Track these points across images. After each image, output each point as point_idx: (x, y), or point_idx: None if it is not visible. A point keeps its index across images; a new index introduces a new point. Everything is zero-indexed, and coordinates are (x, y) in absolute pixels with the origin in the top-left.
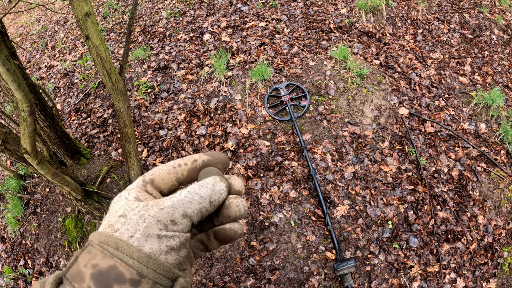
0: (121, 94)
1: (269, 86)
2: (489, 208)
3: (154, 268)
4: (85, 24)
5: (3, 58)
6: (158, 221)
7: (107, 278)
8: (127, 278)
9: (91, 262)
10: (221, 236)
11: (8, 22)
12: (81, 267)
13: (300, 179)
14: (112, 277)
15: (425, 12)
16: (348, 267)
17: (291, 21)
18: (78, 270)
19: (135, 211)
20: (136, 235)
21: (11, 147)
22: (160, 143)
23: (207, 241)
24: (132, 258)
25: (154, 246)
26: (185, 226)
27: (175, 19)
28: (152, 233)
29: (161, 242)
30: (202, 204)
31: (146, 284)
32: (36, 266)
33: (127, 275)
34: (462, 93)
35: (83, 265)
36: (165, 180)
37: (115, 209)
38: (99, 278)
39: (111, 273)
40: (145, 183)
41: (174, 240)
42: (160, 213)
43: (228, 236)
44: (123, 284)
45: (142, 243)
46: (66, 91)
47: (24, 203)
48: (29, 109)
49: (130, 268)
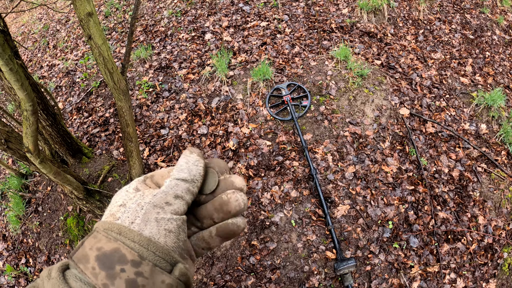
0: (123, 93)
1: (270, 86)
2: (490, 208)
3: (153, 250)
4: (87, 24)
5: (6, 58)
6: (155, 206)
7: (110, 259)
8: (129, 260)
9: (96, 246)
10: (224, 232)
11: (10, 21)
12: (87, 250)
13: (301, 178)
14: (115, 259)
15: (426, 12)
16: (348, 267)
17: (292, 21)
18: (84, 253)
19: (132, 200)
20: (137, 221)
21: (14, 146)
22: (162, 142)
23: (209, 238)
24: (133, 241)
25: (153, 230)
26: (179, 206)
27: (176, 18)
28: (150, 218)
29: (159, 225)
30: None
31: (146, 265)
32: (37, 265)
33: (129, 257)
34: (463, 93)
35: (89, 248)
36: (164, 177)
37: (115, 200)
38: (103, 259)
39: (114, 255)
40: (145, 178)
41: (171, 223)
42: (154, 199)
43: (231, 231)
44: (124, 265)
45: (142, 227)
46: (68, 90)
47: (25, 202)
48: (31, 108)
49: (131, 250)
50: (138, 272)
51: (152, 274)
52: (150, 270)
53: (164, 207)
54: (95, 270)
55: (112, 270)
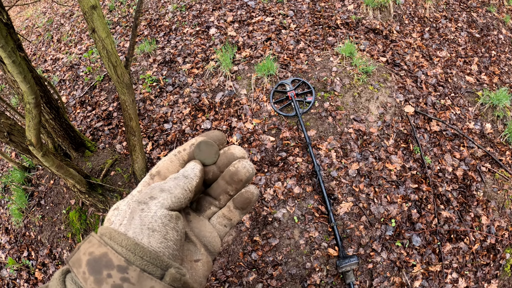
0: (126, 87)
1: (274, 82)
2: (493, 209)
3: (141, 255)
4: (91, 17)
5: (9, 50)
6: (139, 202)
7: (98, 264)
8: (115, 265)
9: (89, 250)
10: (241, 201)
11: (14, 15)
12: (81, 255)
13: (304, 175)
14: (103, 263)
15: (432, 10)
16: (350, 264)
17: (297, 17)
18: (78, 257)
19: (124, 201)
20: (124, 222)
21: (16, 139)
22: (165, 137)
23: (229, 213)
24: (121, 245)
25: (137, 230)
26: (165, 199)
27: (181, 13)
28: (135, 216)
29: (142, 224)
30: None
31: (133, 271)
32: (39, 258)
33: (115, 262)
34: (468, 92)
35: (83, 253)
36: (170, 169)
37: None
38: (92, 264)
39: (102, 260)
40: (152, 176)
41: (155, 221)
42: (139, 195)
43: (247, 199)
44: (111, 270)
45: (127, 228)
46: (72, 84)
47: (28, 195)
48: (34, 101)
49: (118, 255)
50: (124, 277)
51: (140, 280)
52: (137, 275)
53: (148, 202)
54: (85, 274)
55: (99, 275)
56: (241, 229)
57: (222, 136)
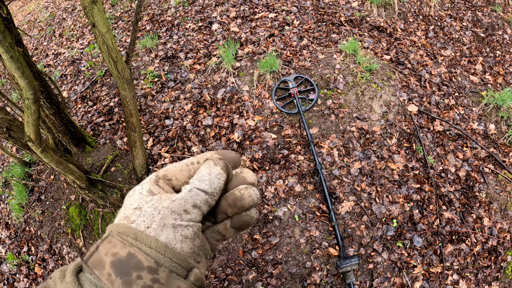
0: (127, 82)
1: (277, 78)
2: (495, 210)
3: (170, 257)
4: (91, 12)
5: (7, 45)
6: (173, 212)
7: (126, 266)
8: (145, 266)
9: (112, 251)
10: (238, 223)
11: (16, 9)
12: (102, 256)
13: (306, 173)
14: (131, 265)
15: (437, 8)
16: (351, 265)
17: (301, 13)
18: (99, 258)
19: (149, 204)
20: (153, 226)
21: (15, 134)
22: (166, 133)
23: (224, 230)
24: (150, 247)
25: (170, 236)
26: (196, 215)
27: (183, 8)
28: (167, 223)
29: (176, 231)
30: (207, 195)
31: (162, 272)
32: (39, 253)
33: (145, 263)
34: (473, 92)
35: (104, 253)
36: (178, 177)
37: (130, 203)
38: (119, 265)
39: (130, 261)
40: (158, 178)
41: (188, 230)
42: (173, 204)
43: (245, 222)
44: (141, 271)
45: (158, 233)
46: (73, 79)
47: (28, 190)
48: (33, 96)
49: (148, 256)
50: (155, 278)
51: (168, 280)
52: (166, 276)
53: (182, 214)
54: (111, 276)
55: (128, 277)
56: None
57: (238, 159)
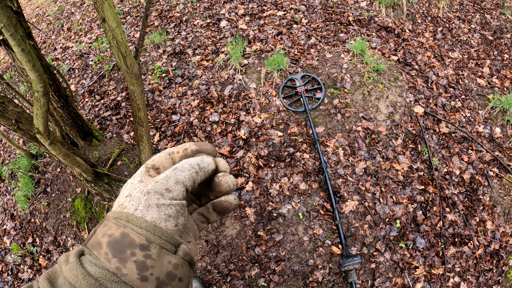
0: (135, 77)
1: (284, 76)
2: (498, 214)
3: (159, 235)
4: (101, 6)
5: (18, 38)
6: (155, 192)
7: (121, 244)
8: (138, 244)
9: (108, 233)
10: (219, 207)
11: (25, 3)
12: (99, 237)
13: (311, 171)
14: (125, 244)
15: (446, 10)
16: (353, 263)
17: (309, 12)
18: (97, 240)
19: (137, 189)
20: (139, 208)
21: (24, 126)
22: (173, 128)
23: (207, 213)
24: (140, 227)
25: (155, 215)
26: (179, 192)
27: (192, 4)
28: (151, 204)
29: (160, 211)
30: (192, 170)
31: (154, 248)
32: (44, 245)
33: (138, 241)
34: (479, 95)
35: (101, 235)
36: (164, 165)
37: (122, 193)
38: (114, 244)
39: (124, 240)
40: (148, 169)
41: (171, 209)
42: (156, 185)
43: (225, 207)
44: (134, 249)
45: (144, 213)
46: (81, 73)
47: (34, 182)
48: (43, 89)
49: (139, 235)
50: (147, 254)
51: (159, 256)
52: (157, 252)
53: (164, 193)
54: (108, 255)
55: (123, 254)
56: (245, 223)
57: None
